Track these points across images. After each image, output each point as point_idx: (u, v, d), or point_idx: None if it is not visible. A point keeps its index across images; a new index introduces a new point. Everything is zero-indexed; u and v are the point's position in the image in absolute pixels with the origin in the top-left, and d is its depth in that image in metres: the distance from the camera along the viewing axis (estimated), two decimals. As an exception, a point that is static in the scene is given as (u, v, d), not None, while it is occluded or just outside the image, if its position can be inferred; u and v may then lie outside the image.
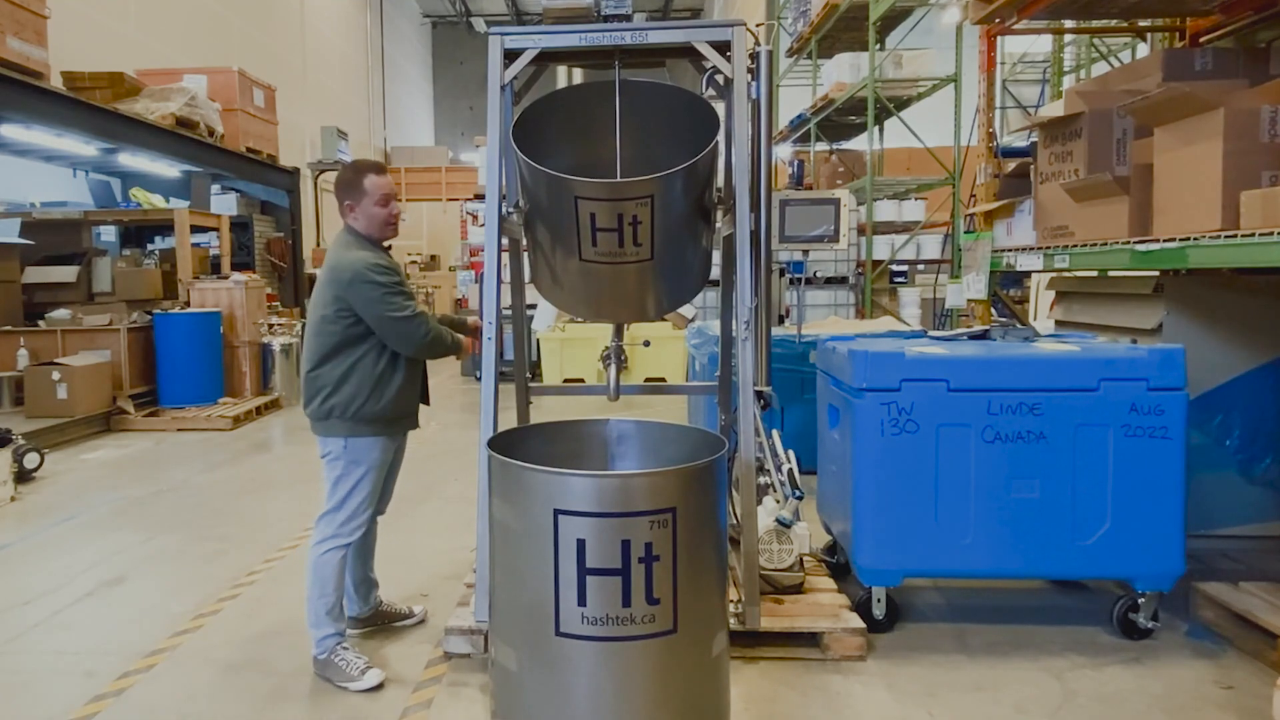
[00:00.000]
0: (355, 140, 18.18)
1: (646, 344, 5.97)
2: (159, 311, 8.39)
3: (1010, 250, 5.00)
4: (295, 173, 12.57)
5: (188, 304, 8.74)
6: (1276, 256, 2.94)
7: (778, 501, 3.38)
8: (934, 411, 3.16)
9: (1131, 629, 3.26)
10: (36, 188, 9.61)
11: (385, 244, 3.23)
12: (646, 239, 2.86)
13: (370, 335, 3.04)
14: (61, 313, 8.30)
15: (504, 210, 3.21)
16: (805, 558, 3.48)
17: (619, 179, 3.16)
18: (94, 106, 7.79)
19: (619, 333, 3.58)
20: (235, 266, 10.10)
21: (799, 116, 12.05)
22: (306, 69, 16.95)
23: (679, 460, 2.55)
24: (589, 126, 3.29)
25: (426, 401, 3.37)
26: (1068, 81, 12.30)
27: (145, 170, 9.85)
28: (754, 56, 3.44)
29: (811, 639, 3.16)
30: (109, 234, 10.09)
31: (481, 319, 3.26)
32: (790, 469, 3.42)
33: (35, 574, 4.19)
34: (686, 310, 3.75)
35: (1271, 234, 2.97)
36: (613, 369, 3.42)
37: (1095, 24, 6.46)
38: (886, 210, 10.88)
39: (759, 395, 3.48)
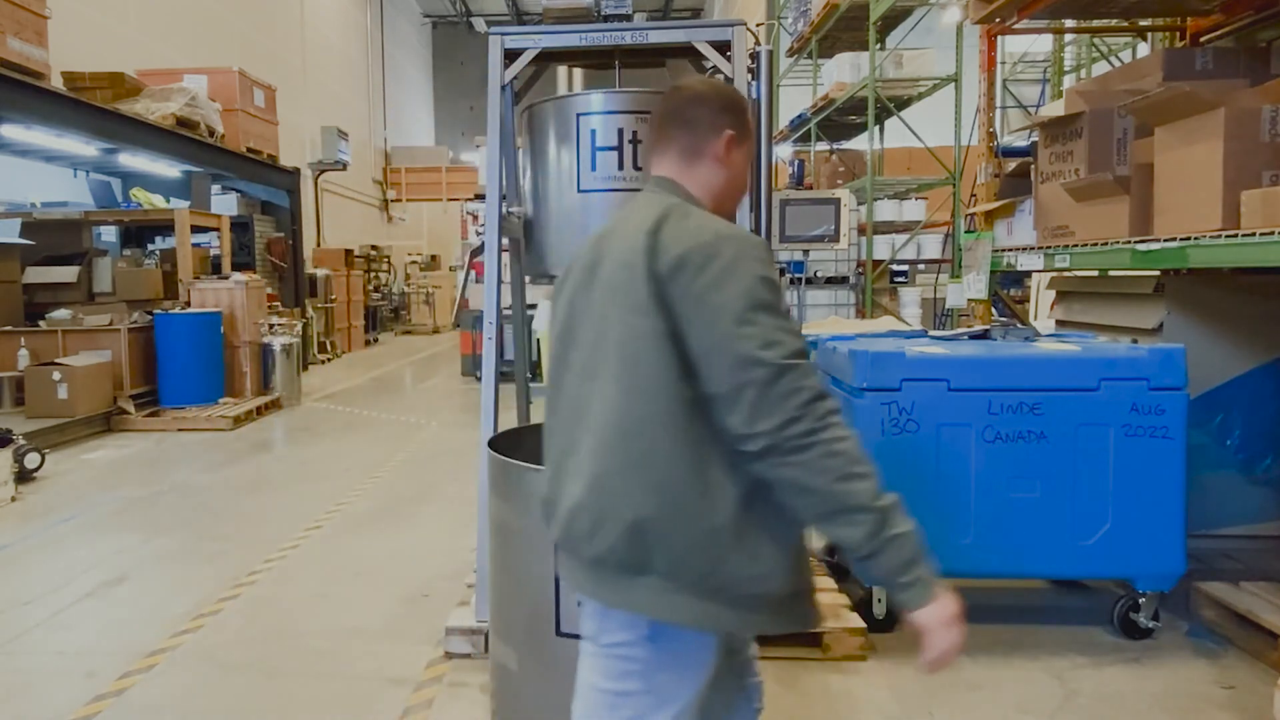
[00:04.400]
0: (356, 140, 18.19)
1: None
2: (159, 311, 8.40)
3: (1011, 250, 5.00)
4: (295, 173, 12.59)
5: (188, 304, 8.74)
6: (1277, 256, 2.94)
7: (778, 501, 3.37)
8: (934, 411, 3.16)
9: (1132, 629, 3.26)
10: (37, 188, 9.61)
11: None
12: (645, 163, 2.89)
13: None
14: (62, 313, 8.30)
15: (504, 210, 3.21)
16: (805, 558, 3.48)
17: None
18: (94, 107, 7.80)
19: None
20: (236, 266, 10.11)
21: (799, 116, 12.04)
22: (306, 69, 16.95)
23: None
24: None
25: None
26: (1068, 81, 12.32)
27: (145, 170, 9.86)
28: (754, 56, 3.43)
29: (812, 639, 3.15)
30: (109, 234, 10.13)
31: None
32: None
33: (36, 574, 4.20)
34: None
35: (1272, 234, 2.97)
36: None
37: (1095, 24, 6.46)
38: (887, 210, 10.86)
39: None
